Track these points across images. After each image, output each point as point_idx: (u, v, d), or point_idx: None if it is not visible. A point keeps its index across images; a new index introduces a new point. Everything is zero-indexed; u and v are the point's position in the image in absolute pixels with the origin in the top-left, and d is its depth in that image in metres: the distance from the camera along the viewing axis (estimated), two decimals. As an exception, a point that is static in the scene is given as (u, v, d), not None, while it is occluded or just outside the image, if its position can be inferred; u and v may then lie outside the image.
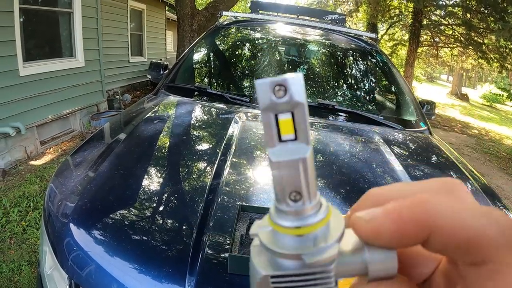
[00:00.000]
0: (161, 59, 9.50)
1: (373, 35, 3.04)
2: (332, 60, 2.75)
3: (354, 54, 2.81)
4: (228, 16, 3.07)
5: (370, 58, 2.74)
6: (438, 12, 11.45)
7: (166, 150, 1.45)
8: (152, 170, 1.27)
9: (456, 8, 10.82)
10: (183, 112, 1.89)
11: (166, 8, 11.46)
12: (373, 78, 2.70)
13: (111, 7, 7.19)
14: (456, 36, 11.69)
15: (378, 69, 2.74)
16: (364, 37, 2.99)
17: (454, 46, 12.59)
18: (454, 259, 0.18)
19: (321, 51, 2.76)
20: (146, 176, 1.22)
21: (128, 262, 0.87)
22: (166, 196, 1.13)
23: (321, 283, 0.19)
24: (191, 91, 2.13)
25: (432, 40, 13.15)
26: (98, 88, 5.96)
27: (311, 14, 3.54)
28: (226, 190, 1.12)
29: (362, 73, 2.70)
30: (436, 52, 14.01)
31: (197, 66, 2.61)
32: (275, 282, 0.19)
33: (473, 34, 10.67)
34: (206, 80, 2.48)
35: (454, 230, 0.17)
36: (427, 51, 14.80)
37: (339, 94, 2.44)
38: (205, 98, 2.05)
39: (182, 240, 0.94)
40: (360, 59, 2.78)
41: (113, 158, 1.29)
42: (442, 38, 12.68)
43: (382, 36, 14.03)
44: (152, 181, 1.21)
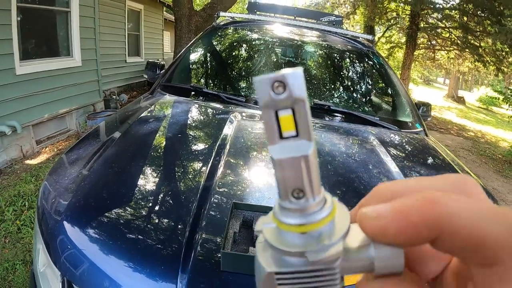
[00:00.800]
0: (158, 60, 9.48)
1: (369, 37, 3.05)
2: (328, 61, 2.76)
3: (351, 55, 2.81)
4: (225, 17, 3.08)
5: (366, 59, 2.75)
6: (435, 15, 11.50)
7: (161, 149, 1.45)
8: (146, 169, 1.27)
9: (453, 11, 10.87)
10: (179, 111, 1.89)
11: (164, 8, 11.46)
12: (369, 80, 2.71)
13: (109, 7, 7.18)
14: (453, 39, 11.74)
15: (374, 70, 2.74)
16: (360, 38, 3.00)
17: (451, 49, 12.63)
18: (463, 259, 0.18)
19: (317, 53, 2.77)
20: (140, 174, 1.22)
21: (120, 259, 0.88)
22: (159, 194, 1.13)
23: (326, 280, 0.19)
24: (187, 91, 2.13)
25: (429, 43, 13.20)
26: (95, 87, 5.95)
27: (308, 15, 3.55)
28: (219, 189, 1.12)
29: (358, 74, 2.71)
30: (433, 55, 14.06)
31: (193, 66, 2.61)
32: (280, 279, 0.19)
33: (469, 37, 10.73)
34: (202, 80, 2.48)
35: (464, 231, 0.16)
36: (424, 54, 14.84)
37: (336, 95, 2.44)
38: (201, 98, 2.05)
39: (175, 238, 0.94)
40: (356, 61, 2.79)
41: (107, 156, 1.29)
42: (439, 41, 12.73)
43: (379, 38, 14.08)
44: (146, 179, 1.21)
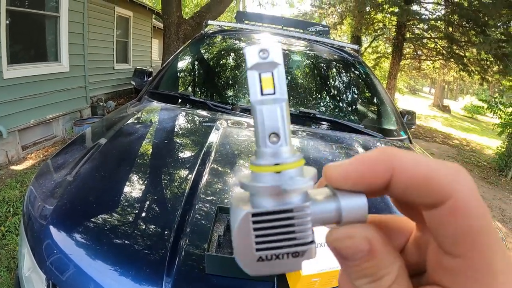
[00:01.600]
0: (146, 67, 9.45)
1: (355, 47, 3.11)
2: (315, 70, 2.80)
3: (337, 64, 2.86)
4: (213, 25, 3.10)
5: (352, 69, 2.80)
6: (421, 25, 11.68)
7: (147, 155, 1.46)
8: (132, 175, 1.28)
9: (438, 22, 11.06)
10: (165, 118, 1.90)
11: (153, 16, 11.45)
12: (355, 89, 2.75)
13: (98, 13, 7.17)
14: (438, 49, 11.92)
15: (360, 79, 2.79)
16: (347, 48, 3.05)
17: (436, 59, 12.81)
18: (416, 204, 0.19)
19: (304, 62, 2.81)
20: (126, 180, 1.23)
21: (106, 263, 0.89)
22: (145, 200, 1.15)
23: (299, 224, 0.20)
24: (174, 98, 2.14)
25: (414, 53, 13.38)
26: (82, 94, 5.91)
27: (296, 25, 3.60)
28: (204, 195, 1.14)
29: (344, 83, 2.75)
30: (418, 64, 14.25)
31: (181, 73, 2.63)
32: (256, 222, 0.20)
33: (454, 47, 10.91)
34: (189, 87, 2.50)
35: (413, 170, 0.18)
36: (410, 64, 15.01)
37: (322, 103, 2.48)
38: (188, 105, 2.06)
39: (160, 242, 0.95)
40: (342, 70, 2.83)
41: (93, 162, 1.30)
42: (424, 51, 12.91)
43: (366, 48, 14.25)
44: (131, 185, 1.22)
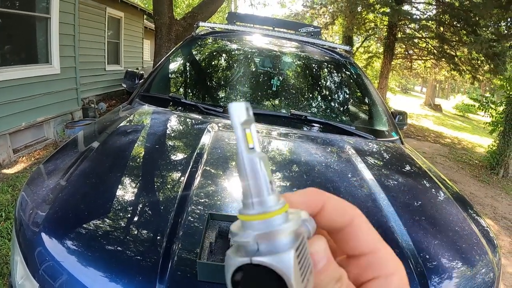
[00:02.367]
0: (137, 68, 9.42)
1: (347, 47, 3.12)
2: (306, 71, 2.81)
3: (328, 66, 2.87)
4: (205, 27, 3.10)
5: (343, 70, 2.81)
6: (412, 25, 11.77)
7: (139, 160, 1.46)
8: (124, 180, 1.27)
9: (429, 21, 11.16)
10: (157, 121, 1.89)
11: (145, 17, 11.43)
12: (346, 90, 2.76)
13: (89, 14, 7.13)
14: (429, 48, 12.03)
15: (351, 80, 2.80)
16: (338, 49, 3.06)
17: (428, 58, 12.92)
18: (334, 226, 0.28)
19: (295, 63, 2.82)
20: (118, 185, 1.23)
21: (98, 270, 0.88)
22: (137, 205, 1.14)
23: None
24: (166, 101, 2.13)
25: (406, 52, 13.48)
26: (73, 96, 5.88)
27: (287, 26, 3.61)
28: (196, 199, 1.14)
29: (335, 84, 2.76)
30: (410, 64, 14.35)
31: (172, 76, 2.62)
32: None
33: (446, 47, 11.02)
34: (181, 90, 2.49)
35: (336, 202, 0.28)
36: (401, 63, 15.11)
37: (313, 105, 2.48)
38: (179, 108, 2.06)
39: (152, 249, 0.95)
40: (334, 71, 2.84)
41: (85, 167, 1.29)
42: (416, 50, 13.02)
43: (357, 48, 14.32)
44: (124, 190, 1.21)
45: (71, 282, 0.87)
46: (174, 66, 2.67)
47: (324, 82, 2.78)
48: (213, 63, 2.80)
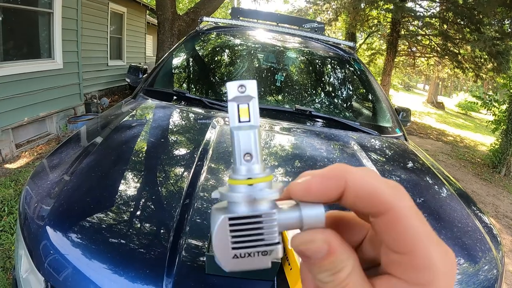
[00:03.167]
0: (140, 63, 9.41)
1: (350, 44, 3.11)
2: (310, 67, 2.80)
3: (332, 61, 2.86)
4: (208, 21, 3.09)
5: (347, 66, 2.80)
6: (415, 22, 11.72)
7: (143, 154, 1.45)
8: (129, 174, 1.27)
9: (433, 19, 11.10)
10: (161, 116, 1.89)
11: (147, 12, 11.39)
12: (350, 86, 2.75)
13: (92, 9, 7.11)
14: (432, 46, 11.97)
15: (355, 76, 2.79)
16: (342, 45, 3.05)
17: (431, 56, 12.86)
18: (365, 214, 0.24)
19: (299, 58, 2.81)
20: (122, 179, 1.22)
21: (105, 264, 0.88)
22: (143, 199, 1.14)
23: (267, 227, 0.25)
24: (170, 95, 2.12)
25: (409, 49, 13.41)
26: (76, 91, 5.87)
27: (291, 22, 3.59)
28: (202, 194, 1.13)
29: (339, 80, 2.75)
30: (413, 61, 14.29)
31: (176, 70, 2.61)
32: (232, 225, 0.25)
33: (449, 45, 10.96)
34: (184, 84, 2.49)
35: (362, 185, 0.23)
36: (404, 61, 15.06)
37: (317, 100, 2.48)
38: (183, 103, 2.05)
39: (159, 242, 0.95)
40: (337, 67, 2.83)
41: (90, 161, 1.29)
42: (419, 48, 12.95)
43: (360, 45, 14.27)
44: (129, 184, 1.21)
45: (77, 276, 0.87)
46: (178, 61, 2.67)
47: (328, 78, 2.77)
48: (217, 58, 2.79)
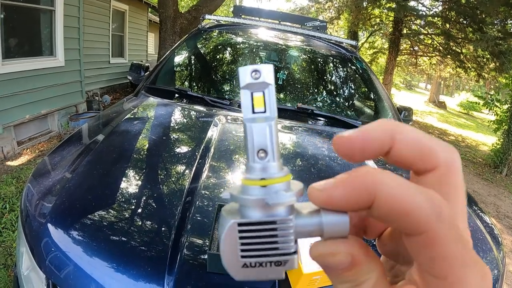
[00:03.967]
0: (142, 61, 9.40)
1: (353, 42, 3.10)
2: (312, 65, 2.79)
3: (334, 60, 2.85)
4: (210, 19, 3.08)
5: (349, 64, 2.79)
6: (418, 21, 11.69)
7: (145, 152, 1.45)
8: (130, 172, 1.27)
9: (435, 18, 11.06)
10: (163, 113, 1.88)
11: (149, 9, 11.38)
12: (352, 84, 2.75)
13: (94, 7, 7.10)
14: (435, 45, 11.93)
15: (357, 75, 2.78)
16: (344, 44, 3.04)
17: (433, 55, 12.82)
18: (394, 228, 0.21)
19: (301, 57, 2.80)
20: (124, 177, 1.22)
21: (106, 262, 0.88)
22: (144, 197, 1.14)
23: (281, 235, 0.22)
24: (172, 93, 2.12)
25: (411, 49, 13.37)
26: (78, 88, 5.87)
27: (293, 20, 3.58)
28: (204, 192, 1.13)
29: (341, 79, 2.74)
30: (415, 60, 14.28)
31: (178, 68, 2.61)
32: (242, 231, 0.22)
33: (451, 44, 10.91)
34: (186, 82, 2.49)
35: (395, 200, 0.19)
36: (407, 60, 15.04)
37: (319, 99, 2.47)
38: (185, 101, 2.05)
39: (160, 240, 0.95)
40: (339, 65, 2.82)
41: (91, 158, 1.29)
42: (421, 47, 12.92)
43: (362, 44, 14.22)
44: (130, 182, 1.21)
45: (79, 273, 0.87)
46: (180, 58, 2.66)
47: (330, 77, 2.76)
48: (218, 56, 2.79)
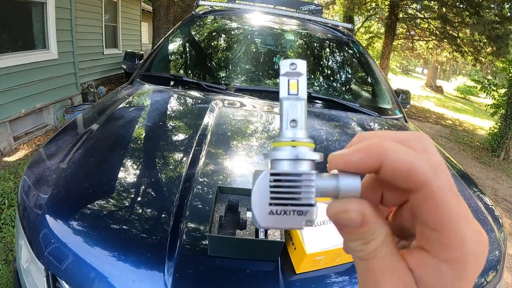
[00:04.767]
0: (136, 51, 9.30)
1: (349, 26, 3.06)
2: (309, 50, 2.77)
3: (331, 43, 2.83)
4: (204, 5, 3.04)
5: (346, 48, 2.77)
6: (414, 5, 11.62)
7: (141, 139, 1.43)
8: (127, 160, 1.25)
9: (432, 2, 10.99)
10: (159, 100, 1.86)
11: (142, -1, 11.25)
12: (349, 68, 2.73)
13: (86, -2, 7.00)
14: (431, 29, 11.88)
15: (354, 58, 2.77)
16: (340, 27, 3.01)
17: (429, 39, 12.78)
18: (400, 187, 0.24)
19: (298, 41, 2.77)
20: (121, 165, 1.20)
21: (105, 250, 0.87)
22: (141, 185, 1.12)
23: (305, 187, 0.26)
24: (167, 80, 2.10)
25: (408, 33, 13.33)
26: (72, 80, 5.82)
27: (288, 4, 3.54)
28: (202, 177, 1.12)
29: (338, 62, 2.73)
30: (411, 45, 14.23)
31: (173, 55, 2.58)
32: (272, 180, 0.26)
33: (448, 28, 10.86)
34: (182, 69, 2.46)
35: (399, 161, 0.23)
36: (403, 44, 15.00)
37: (316, 83, 2.45)
38: (181, 87, 2.03)
39: (159, 227, 0.93)
40: (336, 49, 2.80)
41: (87, 147, 1.27)
42: (417, 31, 12.87)
43: (358, 28, 14.16)
44: (127, 170, 1.19)
45: (78, 263, 0.86)
46: (174, 45, 2.63)
47: (326, 60, 2.75)
48: (213, 42, 2.75)
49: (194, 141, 1.33)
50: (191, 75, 2.33)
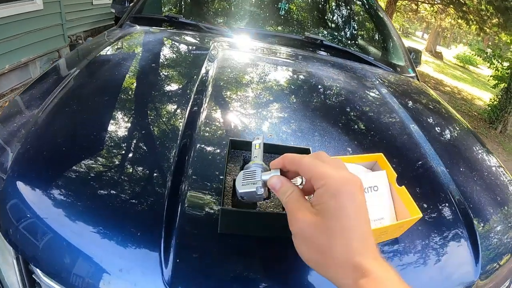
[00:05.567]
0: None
1: None
2: None
3: None
4: None
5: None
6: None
7: (130, 86, 1.18)
8: (111, 109, 1.01)
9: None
10: (152, 41, 1.63)
11: None
12: (362, 20, 2.60)
13: None
14: (438, -8, 11.55)
15: (366, 12, 2.63)
16: None
17: (435, 2, 12.46)
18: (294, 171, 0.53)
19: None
20: (105, 116, 0.98)
21: (88, 225, 0.67)
22: (131, 140, 0.90)
23: (257, 174, 0.56)
24: (161, 22, 1.88)
25: (413, -6, 12.98)
26: (59, 32, 5.50)
27: None
28: (204, 130, 0.93)
29: (351, 14, 2.55)
30: (415, 6, 13.87)
31: None
32: (244, 173, 0.57)
33: (455, -8, 10.57)
34: (178, 9, 2.25)
35: (307, 171, 0.48)
36: (407, 5, 14.63)
37: (326, 33, 2.27)
38: (177, 30, 1.82)
39: (154, 193, 0.73)
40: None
41: (65, 96, 1.05)
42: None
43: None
44: (113, 123, 0.95)
45: (55, 243, 0.66)
46: None
47: (338, 11, 2.57)
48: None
49: (193, 87, 1.13)
50: (190, 16, 2.08)
